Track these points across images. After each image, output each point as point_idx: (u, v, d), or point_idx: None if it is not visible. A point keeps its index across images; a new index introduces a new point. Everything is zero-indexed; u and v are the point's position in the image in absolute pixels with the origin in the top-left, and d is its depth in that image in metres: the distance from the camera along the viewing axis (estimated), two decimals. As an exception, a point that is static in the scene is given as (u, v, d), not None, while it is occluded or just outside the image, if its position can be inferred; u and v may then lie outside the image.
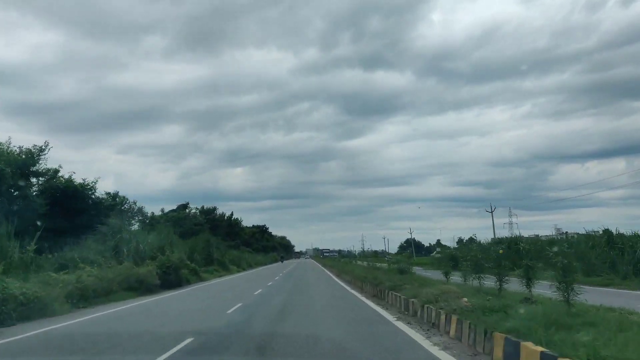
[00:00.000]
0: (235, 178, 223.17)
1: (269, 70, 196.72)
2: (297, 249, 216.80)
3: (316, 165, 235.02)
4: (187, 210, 65.66)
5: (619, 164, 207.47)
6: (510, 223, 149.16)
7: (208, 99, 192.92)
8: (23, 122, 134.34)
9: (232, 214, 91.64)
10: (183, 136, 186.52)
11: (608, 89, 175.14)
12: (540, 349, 6.43)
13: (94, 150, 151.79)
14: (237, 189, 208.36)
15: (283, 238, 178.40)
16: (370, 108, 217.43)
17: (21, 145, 25.89)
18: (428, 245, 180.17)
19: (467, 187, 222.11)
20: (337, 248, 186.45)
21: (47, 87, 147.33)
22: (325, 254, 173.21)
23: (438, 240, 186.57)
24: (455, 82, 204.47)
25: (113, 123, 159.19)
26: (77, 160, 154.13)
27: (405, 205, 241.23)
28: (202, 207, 77.20)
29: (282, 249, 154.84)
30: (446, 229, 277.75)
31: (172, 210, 65.61)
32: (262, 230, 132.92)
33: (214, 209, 79.00)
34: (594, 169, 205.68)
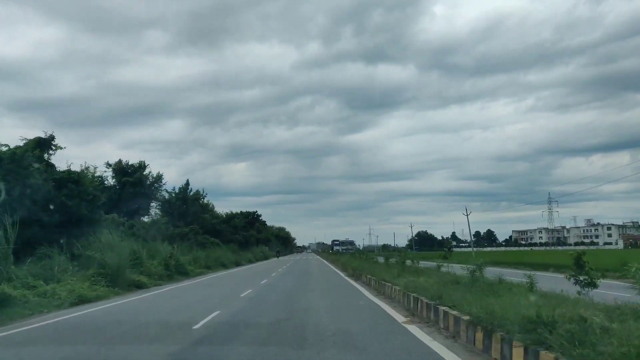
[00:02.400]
0: (238, 173, 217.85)
1: (271, 64, 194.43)
2: (299, 244, 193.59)
3: (319, 160, 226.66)
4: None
5: (623, 157, 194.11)
6: (551, 210, 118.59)
7: (210, 94, 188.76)
8: (26, 117, 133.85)
9: (187, 184, 56.30)
10: (186, 131, 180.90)
11: (612, 82, 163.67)
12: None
13: (97, 146, 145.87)
14: (240, 184, 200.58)
15: (281, 229, 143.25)
16: (373, 102, 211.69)
17: None
18: (441, 238, 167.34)
19: (471, 181, 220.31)
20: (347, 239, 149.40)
21: (49, 82, 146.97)
22: (336, 246, 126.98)
23: (453, 233, 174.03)
24: (458, 75, 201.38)
25: (116, 118, 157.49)
26: (80, 156, 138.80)
27: (409, 200, 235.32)
28: (120, 161, 41.66)
29: (279, 242, 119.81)
30: (447, 224, 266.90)
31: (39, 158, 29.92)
32: (250, 218, 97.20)
33: (141, 166, 42.93)
34: (598, 162, 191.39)
